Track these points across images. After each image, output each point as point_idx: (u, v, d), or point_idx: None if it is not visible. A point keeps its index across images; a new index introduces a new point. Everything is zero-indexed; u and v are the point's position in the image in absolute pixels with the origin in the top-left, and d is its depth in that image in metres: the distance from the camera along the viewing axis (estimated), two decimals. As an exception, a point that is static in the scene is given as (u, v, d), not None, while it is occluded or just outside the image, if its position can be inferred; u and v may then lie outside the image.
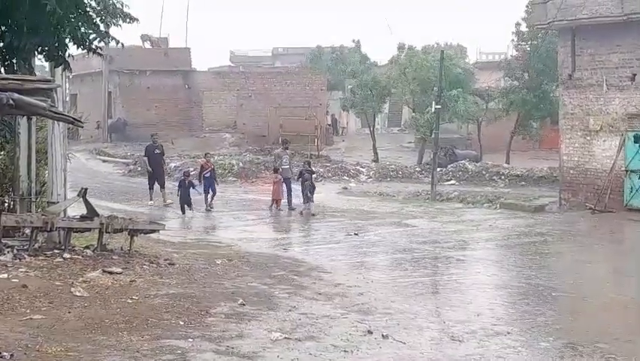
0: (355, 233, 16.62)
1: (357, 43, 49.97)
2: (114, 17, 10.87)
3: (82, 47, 10.79)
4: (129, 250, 11.25)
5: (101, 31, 10.90)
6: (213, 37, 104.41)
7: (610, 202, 19.73)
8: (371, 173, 31.24)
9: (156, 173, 22.28)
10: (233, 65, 51.62)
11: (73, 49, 10.97)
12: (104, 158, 35.97)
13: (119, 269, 9.83)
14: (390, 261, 13.80)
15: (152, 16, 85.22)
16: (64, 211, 11.77)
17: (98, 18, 10.81)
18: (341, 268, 12.38)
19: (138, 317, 7.64)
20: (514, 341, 7.98)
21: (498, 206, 21.74)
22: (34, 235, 10.58)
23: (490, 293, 10.91)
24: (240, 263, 11.97)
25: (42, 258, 10.04)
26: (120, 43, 11.39)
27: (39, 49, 10.59)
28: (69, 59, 10.98)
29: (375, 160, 34.77)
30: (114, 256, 10.80)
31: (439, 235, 16.60)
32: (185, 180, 20.57)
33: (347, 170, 31.39)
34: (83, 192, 11.52)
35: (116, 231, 11.18)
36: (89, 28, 10.67)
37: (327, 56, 49.26)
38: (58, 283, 8.75)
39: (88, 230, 11.42)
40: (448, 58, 30.95)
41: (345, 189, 27.51)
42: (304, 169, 21.23)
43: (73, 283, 8.80)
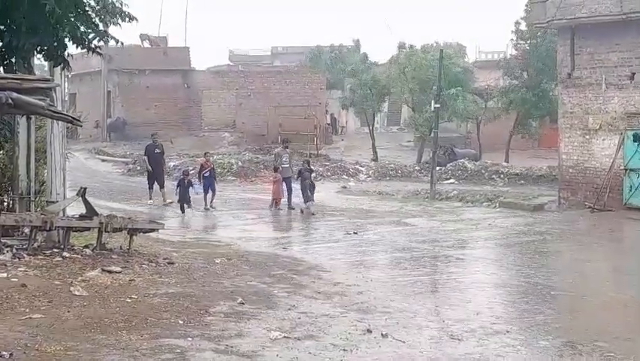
0: (354, 232, 16.62)
1: (357, 42, 49.95)
2: (113, 16, 10.87)
3: (81, 47, 10.79)
4: (128, 249, 11.25)
5: (100, 31, 10.90)
6: (212, 37, 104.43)
7: (609, 201, 19.75)
8: (370, 172, 31.24)
9: (156, 172, 22.24)
10: (232, 64, 51.56)
11: (72, 48, 10.98)
12: (103, 157, 35.95)
13: (118, 268, 9.82)
14: (390, 260, 13.80)
15: (151, 16, 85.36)
16: (63, 210, 11.77)
17: (97, 17, 10.81)
18: (340, 267, 12.39)
19: (137, 316, 7.64)
20: (514, 339, 7.98)
21: (497, 205, 21.75)
22: (34, 234, 10.57)
23: (489, 292, 10.92)
24: (239, 262, 11.96)
25: (41, 257, 10.03)
26: (119, 43, 11.40)
27: (38, 48, 10.59)
28: (68, 59, 10.98)
29: (375, 159, 34.76)
30: (113, 255, 10.79)
31: (439, 234, 16.61)
32: (184, 180, 20.60)
33: (346, 169, 31.39)
34: (82, 192, 11.51)
35: (115, 230, 11.17)
36: (88, 27, 10.67)
37: (327, 55, 49.21)
38: (58, 283, 8.74)
39: (87, 229, 11.42)
40: (448, 57, 30.93)
41: (345, 188, 27.52)
42: (303, 168, 21.24)
43: (72, 282, 8.80)
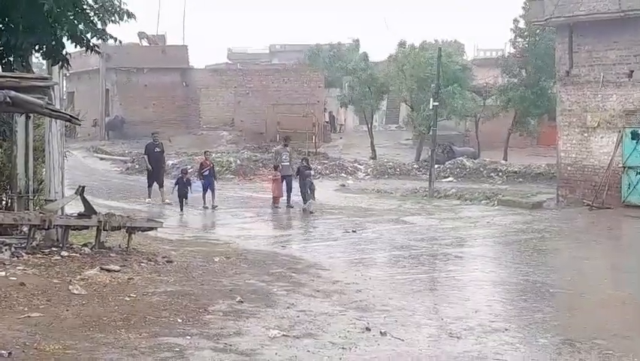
0: (353, 230, 16.63)
1: (357, 42, 49.92)
2: (112, 15, 10.85)
3: (79, 45, 10.77)
4: (127, 248, 11.24)
5: (98, 29, 10.87)
6: (211, 35, 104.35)
7: (607, 199, 19.77)
8: (369, 170, 31.24)
9: (155, 171, 22.08)
10: (230, 63, 51.54)
11: (70, 47, 10.95)
12: (102, 156, 35.93)
13: (116, 267, 9.81)
14: (388, 258, 13.82)
15: (150, 14, 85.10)
16: (61, 209, 11.75)
17: (95, 16, 10.79)
18: (339, 266, 12.39)
19: (136, 314, 7.63)
20: (512, 337, 7.99)
21: (496, 203, 21.77)
22: (32, 233, 10.56)
23: (487, 290, 10.92)
24: (238, 261, 11.96)
25: (40, 256, 10.02)
26: (118, 41, 11.38)
27: (36, 47, 10.57)
28: (67, 57, 10.96)
29: (373, 157, 34.76)
30: (112, 254, 10.79)
31: (437, 232, 16.62)
32: (182, 178, 20.61)
33: (345, 167, 31.40)
34: (80, 190, 11.49)
35: (114, 228, 11.16)
36: (86, 26, 10.63)
37: (325, 54, 49.21)
38: (56, 281, 8.74)
39: (85, 228, 11.42)
40: (446, 55, 30.94)
41: (343, 186, 27.53)
42: (302, 166, 21.23)
43: (71, 280, 8.79)
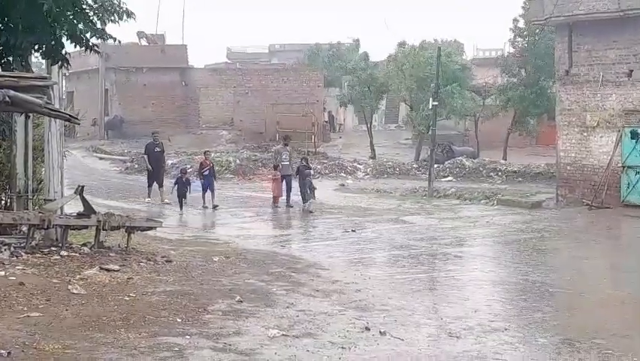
0: (353, 230, 16.62)
1: (357, 42, 49.91)
2: (111, 14, 10.84)
3: (79, 45, 10.77)
4: (126, 248, 11.24)
5: (97, 29, 10.87)
6: (210, 35, 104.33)
7: (607, 198, 19.77)
8: (368, 170, 31.24)
9: (155, 171, 21.99)
10: (230, 62, 51.54)
11: (69, 46, 10.95)
12: (101, 155, 35.93)
13: (116, 266, 9.81)
14: (388, 258, 13.81)
15: (149, 14, 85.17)
16: (61, 209, 11.75)
17: (94, 16, 10.78)
18: (338, 265, 12.39)
19: (135, 314, 7.63)
20: (512, 337, 7.99)
21: (495, 202, 21.78)
22: (31, 233, 10.54)
23: (487, 290, 10.93)
24: (238, 260, 11.96)
25: (39, 255, 10.01)
26: (117, 41, 11.37)
27: (35, 46, 10.56)
28: (66, 57, 10.95)
29: (373, 157, 34.76)
30: (111, 254, 10.78)
31: (437, 232, 16.62)
32: (182, 178, 20.62)
33: (344, 167, 31.40)
34: (79, 190, 11.49)
35: (113, 228, 11.16)
36: (85, 25, 10.63)
37: (325, 53, 49.20)
38: (56, 281, 8.73)
39: (85, 227, 11.41)
40: (446, 54, 30.94)
41: (343, 185, 27.52)
42: (301, 165, 21.23)
43: (70, 280, 8.78)
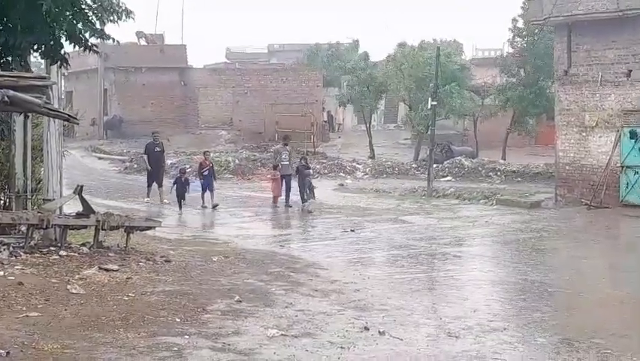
0: (352, 230, 16.61)
1: (356, 42, 49.89)
2: (110, 14, 10.84)
3: (78, 45, 10.77)
4: (125, 247, 11.24)
5: (96, 29, 10.87)
6: (209, 35, 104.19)
7: (606, 198, 19.78)
8: (367, 169, 31.24)
9: (155, 171, 21.92)
10: (229, 62, 51.51)
11: (69, 46, 10.95)
12: (100, 155, 35.91)
13: (115, 266, 9.80)
14: (387, 257, 13.81)
15: (148, 14, 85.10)
16: (60, 208, 11.74)
17: (93, 16, 10.78)
18: (337, 265, 12.39)
19: (134, 314, 7.63)
20: (511, 337, 7.99)
21: (494, 202, 21.78)
22: (30, 233, 10.54)
23: (486, 289, 10.93)
24: (237, 260, 11.96)
25: (38, 255, 10.01)
26: (116, 41, 11.37)
27: (35, 46, 10.56)
28: (65, 57, 10.95)
29: (372, 157, 34.76)
30: (110, 254, 10.78)
31: (436, 232, 16.62)
32: (181, 177, 20.63)
33: (343, 166, 31.39)
34: (78, 190, 11.49)
35: (112, 228, 11.16)
36: (84, 25, 10.63)
37: (324, 53, 49.20)
38: (55, 281, 8.73)
39: (84, 227, 11.42)
40: (445, 54, 30.94)
41: (342, 185, 27.52)
42: (300, 165, 21.23)
43: (69, 280, 8.78)
